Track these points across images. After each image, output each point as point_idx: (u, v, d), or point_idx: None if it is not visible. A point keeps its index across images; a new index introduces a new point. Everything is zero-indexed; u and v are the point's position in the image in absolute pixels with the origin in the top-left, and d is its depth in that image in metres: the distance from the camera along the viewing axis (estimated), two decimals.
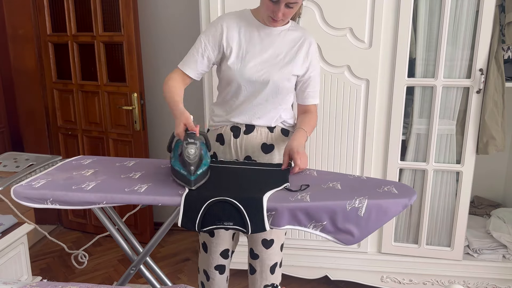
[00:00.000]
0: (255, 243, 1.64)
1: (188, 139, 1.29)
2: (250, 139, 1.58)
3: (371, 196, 1.20)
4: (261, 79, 1.50)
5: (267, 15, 1.46)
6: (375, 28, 1.95)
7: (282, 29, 1.54)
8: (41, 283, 1.14)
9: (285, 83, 1.53)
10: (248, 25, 1.53)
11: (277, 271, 1.70)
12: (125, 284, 1.56)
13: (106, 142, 2.81)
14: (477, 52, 1.92)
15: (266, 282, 1.67)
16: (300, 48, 1.54)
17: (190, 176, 1.27)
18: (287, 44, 1.53)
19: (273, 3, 1.40)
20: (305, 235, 2.25)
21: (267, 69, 1.50)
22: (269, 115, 1.57)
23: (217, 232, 1.64)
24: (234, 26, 1.52)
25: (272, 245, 1.63)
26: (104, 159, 1.67)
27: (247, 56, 1.50)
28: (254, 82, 1.51)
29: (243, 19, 1.54)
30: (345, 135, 2.10)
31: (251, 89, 1.52)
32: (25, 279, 2.07)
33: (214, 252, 1.67)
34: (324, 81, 2.04)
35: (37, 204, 1.28)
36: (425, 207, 2.14)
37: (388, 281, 2.25)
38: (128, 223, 2.78)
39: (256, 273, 1.68)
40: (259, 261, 1.65)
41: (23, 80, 2.88)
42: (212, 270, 1.70)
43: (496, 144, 1.99)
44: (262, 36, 1.52)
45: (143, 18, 2.70)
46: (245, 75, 1.50)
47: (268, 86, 1.51)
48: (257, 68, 1.50)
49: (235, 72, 1.50)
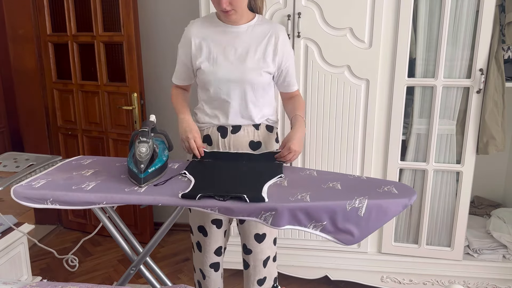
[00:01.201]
0: (247, 238, 1.65)
1: (140, 138, 1.36)
2: (237, 138, 1.60)
3: (371, 196, 1.21)
4: (234, 77, 1.53)
5: (219, 10, 1.49)
6: (375, 28, 1.95)
7: (248, 25, 1.55)
8: (41, 283, 1.15)
9: (259, 79, 1.55)
10: (213, 27, 1.55)
11: (271, 264, 1.70)
12: (125, 284, 1.56)
13: (106, 142, 2.81)
14: (477, 52, 1.92)
15: (259, 276, 1.68)
16: (268, 42, 1.54)
17: (140, 174, 1.32)
18: (255, 39, 1.54)
19: None
20: (305, 235, 2.25)
21: (238, 67, 1.52)
22: (252, 113, 1.59)
23: (210, 232, 1.65)
24: (199, 33, 1.55)
25: (265, 239, 1.64)
26: (104, 159, 1.67)
27: (217, 58, 1.53)
28: (228, 83, 1.53)
29: (207, 23, 1.57)
30: (345, 135, 2.10)
31: (228, 89, 1.54)
32: (25, 279, 2.07)
33: (208, 251, 1.69)
34: (324, 81, 2.04)
35: (37, 204, 1.28)
36: (425, 207, 2.14)
37: (388, 281, 2.25)
38: (128, 223, 2.79)
39: (249, 267, 1.69)
40: (252, 255, 1.67)
41: (23, 80, 2.88)
42: (207, 269, 1.73)
43: (496, 144, 1.99)
44: (228, 36, 1.54)
45: (143, 18, 2.70)
46: (219, 77, 1.53)
47: (243, 85, 1.54)
48: (229, 68, 1.52)
49: (209, 75, 1.53)
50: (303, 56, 2.03)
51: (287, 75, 1.62)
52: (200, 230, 1.67)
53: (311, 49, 2.01)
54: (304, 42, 2.01)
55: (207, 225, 1.65)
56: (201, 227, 1.66)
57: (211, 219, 1.64)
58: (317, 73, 2.04)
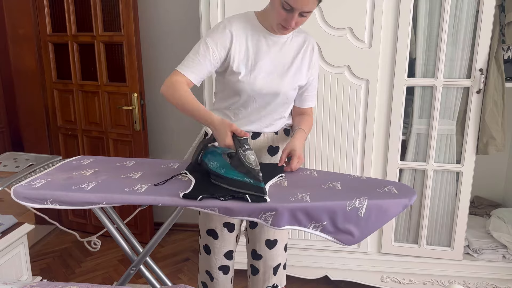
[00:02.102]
0: (258, 243, 1.63)
1: (244, 146, 1.24)
2: (256, 143, 1.56)
3: (371, 196, 1.20)
4: (272, 91, 1.47)
5: (277, 23, 1.38)
6: (375, 28, 1.94)
7: (288, 36, 1.48)
8: (41, 283, 1.14)
9: (293, 93, 1.52)
10: (254, 32, 1.45)
11: (281, 272, 1.68)
12: (125, 284, 1.56)
13: (106, 142, 2.81)
14: (477, 52, 1.92)
15: (268, 283, 1.65)
16: (304, 55, 1.50)
17: (260, 183, 1.20)
18: (292, 52, 1.49)
19: (287, 11, 1.33)
20: (305, 235, 2.25)
21: (277, 81, 1.46)
22: (277, 123, 1.56)
23: (221, 235, 1.62)
24: (242, 33, 1.43)
25: (276, 246, 1.62)
26: (104, 159, 1.67)
27: (256, 67, 1.44)
28: (264, 95, 1.47)
29: (249, 25, 1.45)
30: (345, 135, 2.10)
31: (261, 100, 1.48)
32: (25, 279, 2.07)
33: (218, 253, 1.65)
34: (324, 81, 2.04)
35: (37, 204, 1.28)
36: (425, 207, 2.14)
37: (388, 281, 2.25)
38: (128, 223, 2.78)
39: (259, 273, 1.66)
40: (262, 261, 1.64)
41: (23, 80, 2.88)
42: (216, 271, 1.67)
43: (496, 144, 1.99)
44: (269, 44, 1.46)
45: (143, 18, 2.70)
46: (255, 88, 1.45)
47: (278, 97, 1.49)
48: (267, 80, 1.45)
49: (245, 85, 1.44)
50: None
51: (307, 89, 1.56)
52: (210, 233, 1.62)
53: None
54: None
55: (218, 228, 1.61)
56: (210, 230, 1.62)
57: (223, 222, 1.60)
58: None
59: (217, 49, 1.41)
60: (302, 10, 1.32)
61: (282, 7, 1.33)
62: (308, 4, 1.31)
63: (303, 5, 1.31)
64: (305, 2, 1.30)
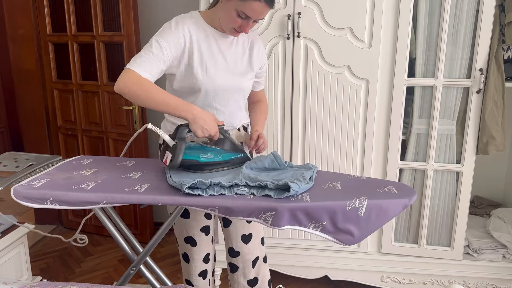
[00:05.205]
0: (234, 240, 1.64)
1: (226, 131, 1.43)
2: None
3: (371, 196, 1.20)
4: (231, 87, 1.52)
5: (230, 27, 1.44)
6: (375, 28, 1.95)
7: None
8: (41, 283, 1.15)
9: (249, 86, 1.61)
10: (203, 32, 1.48)
11: (261, 265, 1.68)
12: (125, 284, 1.56)
13: (106, 142, 2.81)
14: (477, 52, 1.92)
15: (249, 277, 1.66)
16: (251, 50, 1.57)
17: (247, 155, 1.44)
18: (240, 49, 1.55)
19: (242, 19, 1.41)
20: (305, 235, 2.25)
21: (234, 77, 1.53)
22: (238, 118, 1.61)
23: (199, 241, 1.64)
24: (193, 33, 1.46)
25: (251, 239, 1.63)
26: (104, 159, 1.67)
27: (209, 65, 1.47)
28: (224, 92, 1.52)
29: (197, 25, 1.48)
30: (345, 135, 2.10)
31: (222, 98, 1.53)
32: (25, 279, 2.07)
33: (197, 260, 1.68)
34: (324, 81, 2.04)
35: (37, 204, 1.28)
36: (425, 207, 2.14)
37: (388, 281, 2.25)
38: (128, 223, 2.79)
39: (238, 270, 1.67)
40: (241, 257, 1.65)
41: (23, 80, 2.88)
42: (195, 278, 1.71)
43: (496, 144, 1.99)
44: (219, 44, 1.51)
45: (143, 18, 2.70)
46: (215, 85, 1.48)
47: (238, 93, 1.55)
48: (226, 76, 1.50)
49: (204, 81, 1.46)
50: (303, 56, 2.03)
51: (260, 76, 1.67)
52: (188, 241, 1.65)
53: (311, 49, 2.01)
54: (304, 42, 2.01)
55: (196, 234, 1.63)
56: (188, 238, 1.64)
57: (200, 227, 1.62)
58: (317, 73, 2.04)
59: (170, 48, 1.41)
60: (257, 18, 1.43)
61: (238, 15, 1.40)
62: (263, 13, 1.42)
63: (259, 15, 1.41)
64: (261, 12, 1.40)
